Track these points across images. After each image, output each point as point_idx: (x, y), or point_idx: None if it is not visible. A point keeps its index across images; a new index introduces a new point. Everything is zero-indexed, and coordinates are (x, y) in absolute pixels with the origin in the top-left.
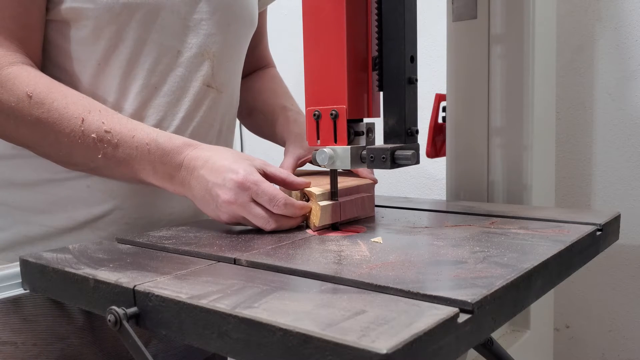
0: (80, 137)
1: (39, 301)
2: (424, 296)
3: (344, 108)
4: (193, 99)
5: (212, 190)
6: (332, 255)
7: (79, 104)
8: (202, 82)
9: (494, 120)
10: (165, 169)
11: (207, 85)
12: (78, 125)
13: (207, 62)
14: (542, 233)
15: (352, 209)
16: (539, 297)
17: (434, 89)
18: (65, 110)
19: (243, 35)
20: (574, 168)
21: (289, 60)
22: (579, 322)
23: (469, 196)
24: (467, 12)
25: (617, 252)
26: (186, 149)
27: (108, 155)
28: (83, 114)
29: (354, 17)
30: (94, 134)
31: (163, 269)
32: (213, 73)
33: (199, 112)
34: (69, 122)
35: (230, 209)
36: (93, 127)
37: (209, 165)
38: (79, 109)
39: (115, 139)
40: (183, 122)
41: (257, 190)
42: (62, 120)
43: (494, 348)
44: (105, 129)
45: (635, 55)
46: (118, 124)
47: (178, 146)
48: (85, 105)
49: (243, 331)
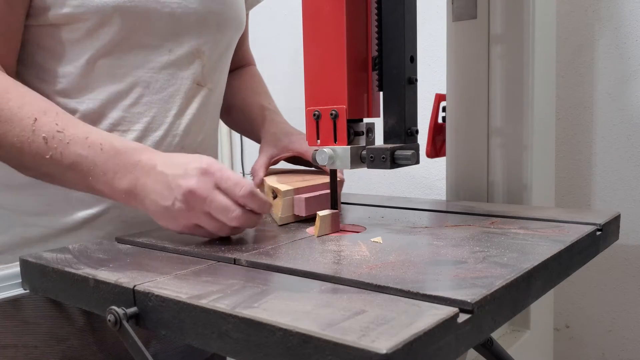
0: (29, 137)
1: (39, 303)
2: (424, 296)
3: (343, 108)
4: (184, 97)
5: (172, 183)
6: (332, 255)
7: (35, 105)
8: (192, 81)
9: (494, 120)
10: (116, 169)
11: (198, 84)
12: (30, 124)
13: (198, 61)
14: (542, 233)
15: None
16: (539, 297)
17: (434, 89)
18: (18, 110)
19: (232, 38)
20: (574, 168)
21: (289, 60)
22: (579, 322)
23: (469, 196)
24: (467, 12)
25: (617, 252)
26: (143, 151)
27: (56, 157)
28: (37, 115)
29: (354, 17)
30: (45, 134)
31: (163, 269)
32: (203, 72)
33: (190, 110)
34: (20, 121)
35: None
36: (45, 127)
37: (168, 162)
38: (34, 109)
39: (67, 139)
40: (175, 119)
41: (222, 175)
42: (13, 119)
43: (494, 348)
44: (57, 130)
45: (635, 55)
46: (73, 126)
47: (134, 148)
48: (42, 107)
49: (243, 331)
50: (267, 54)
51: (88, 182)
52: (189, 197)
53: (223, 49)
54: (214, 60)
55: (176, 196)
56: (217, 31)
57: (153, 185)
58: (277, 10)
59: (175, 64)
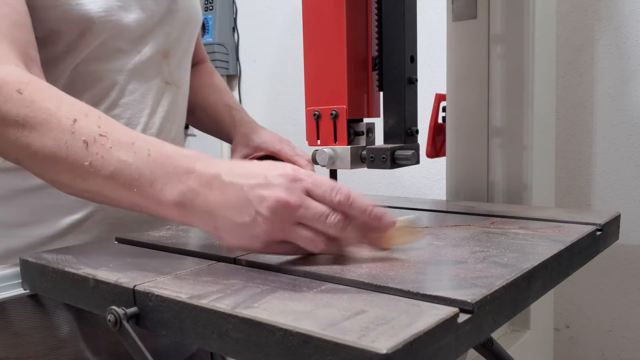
0: (67, 140)
1: (28, 314)
2: (424, 296)
3: (344, 108)
4: (155, 96)
5: (249, 194)
6: (332, 255)
7: (76, 106)
8: (161, 79)
9: (494, 120)
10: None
11: (166, 82)
12: (69, 126)
13: (164, 60)
14: (542, 233)
15: None
16: (539, 297)
17: (434, 89)
18: (56, 110)
19: (193, 34)
20: (574, 168)
21: (289, 61)
22: (579, 322)
23: (469, 196)
24: (467, 12)
25: (617, 252)
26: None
27: (96, 164)
28: (77, 116)
29: (354, 17)
30: (85, 137)
31: (163, 269)
32: (170, 70)
33: (161, 108)
34: (58, 122)
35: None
36: (85, 130)
37: (237, 170)
38: (74, 110)
39: (109, 144)
40: (149, 118)
41: (314, 180)
42: (50, 121)
43: (494, 348)
44: (100, 133)
45: (635, 55)
46: (118, 130)
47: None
48: (84, 108)
49: (243, 331)
50: (267, 53)
51: (132, 194)
52: (279, 209)
53: (185, 46)
54: (178, 57)
55: (258, 209)
56: (179, 29)
57: (220, 199)
58: (278, 10)
59: (144, 64)
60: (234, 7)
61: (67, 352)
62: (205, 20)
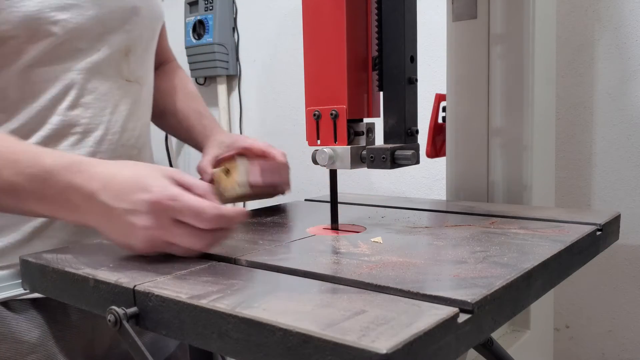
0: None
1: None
2: (424, 296)
3: (344, 108)
4: (117, 94)
5: (121, 219)
6: (332, 255)
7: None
8: (122, 77)
9: (494, 120)
10: (52, 199)
11: (127, 80)
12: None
13: (125, 57)
14: (542, 233)
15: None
16: (539, 297)
17: (434, 89)
18: None
19: (154, 30)
20: (574, 168)
21: (289, 61)
22: (579, 322)
23: (469, 196)
24: (467, 12)
25: (617, 252)
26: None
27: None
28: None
29: (354, 17)
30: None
31: (163, 269)
32: (131, 68)
33: (124, 106)
34: None
35: (149, 236)
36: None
37: (110, 187)
38: None
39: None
40: (111, 116)
41: (178, 206)
42: None
43: (494, 348)
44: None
45: (635, 55)
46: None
47: (65, 165)
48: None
49: (243, 331)
50: (267, 53)
51: (29, 207)
52: (146, 234)
53: (147, 43)
54: (139, 54)
55: (130, 234)
56: (140, 25)
57: (99, 216)
58: (277, 10)
59: (104, 62)
60: (234, 7)
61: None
62: (205, 20)
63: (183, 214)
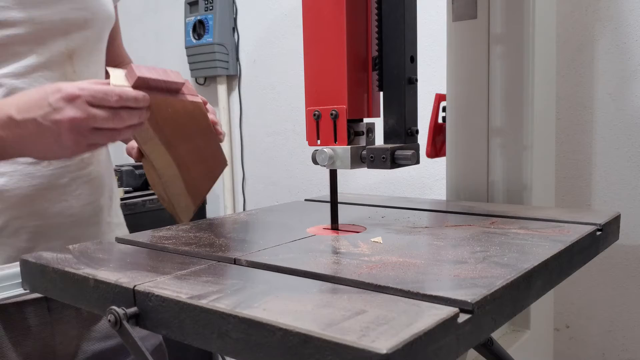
0: None
1: None
2: (424, 296)
3: (344, 108)
4: None
5: (44, 122)
6: (332, 255)
7: None
8: (65, 79)
9: (494, 120)
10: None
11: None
12: None
13: (68, 60)
14: (542, 233)
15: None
16: (539, 297)
17: (434, 89)
18: None
19: (101, 32)
20: (574, 168)
21: (289, 61)
22: (579, 322)
23: (469, 196)
24: (467, 12)
25: (617, 252)
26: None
27: None
28: None
29: (354, 17)
30: None
31: (163, 269)
32: (75, 70)
33: None
34: None
35: (76, 127)
36: None
37: (23, 103)
38: None
39: None
40: None
41: (89, 92)
42: None
43: (494, 348)
44: None
45: (635, 55)
46: None
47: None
48: None
49: (243, 331)
50: (267, 53)
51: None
52: (71, 126)
53: (93, 45)
54: (84, 57)
55: (59, 132)
56: (85, 28)
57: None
58: (277, 10)
59: (45, 65)
60: (234, 7)
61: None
62: (205, 20)
63: (95, 97)
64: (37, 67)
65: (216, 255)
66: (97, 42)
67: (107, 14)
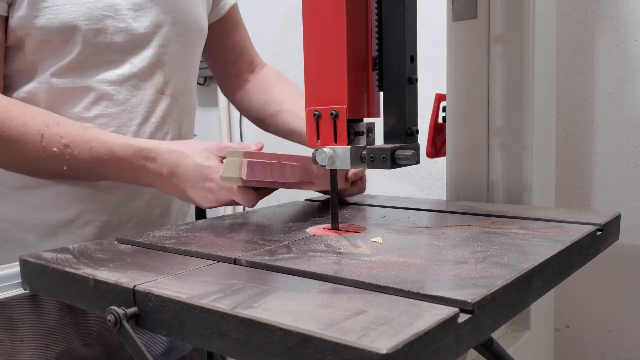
0: (43, 152)
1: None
2: (424, 296)
3: (344, 108)
4: (147, 106)
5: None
6: (332, 255)
7: (37, 120)
8: (155, 90)
9: (494, 120)
10: (128, 178)
11: (161, 93)
12: (39, 141)
13: (159, 71)
14: (542, 233)
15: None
16: (539, 297)
17: (434, 89)
18: (24, 128)
19: (194, 45)
20: (574, 168)
21: (289, 61)
22: (579, 322)
23: (469, 196)
24: (467, 12)
25: (617, 252)
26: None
27: (72, 166)
28: (42, 129)
29: (354, 17)
30: (55, 147)
31: (163, 269)
32: (166, 81)
33: (153, 118)
34: (29, 138)
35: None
36: (53, 141)
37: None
38: (37, 124)
39: (75, 151)
40: (139, 127)
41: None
42: (23, 138)
43: (494, 348)
44: (64, 143)
45: (635, 55)
46: (76, 135)
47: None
48: (43, 120)
49: (243, 331)
50: (267, 53)
51: (113, 178)
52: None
53: (185, 57)
54: (176, 69)
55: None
56: (177, 40)
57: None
58: (277, 10)
59: (137, 75)
60: None
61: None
62: None
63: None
64: (129, 76)
65: (216, 255)
66: (188, 54)
67: (199, 27)
